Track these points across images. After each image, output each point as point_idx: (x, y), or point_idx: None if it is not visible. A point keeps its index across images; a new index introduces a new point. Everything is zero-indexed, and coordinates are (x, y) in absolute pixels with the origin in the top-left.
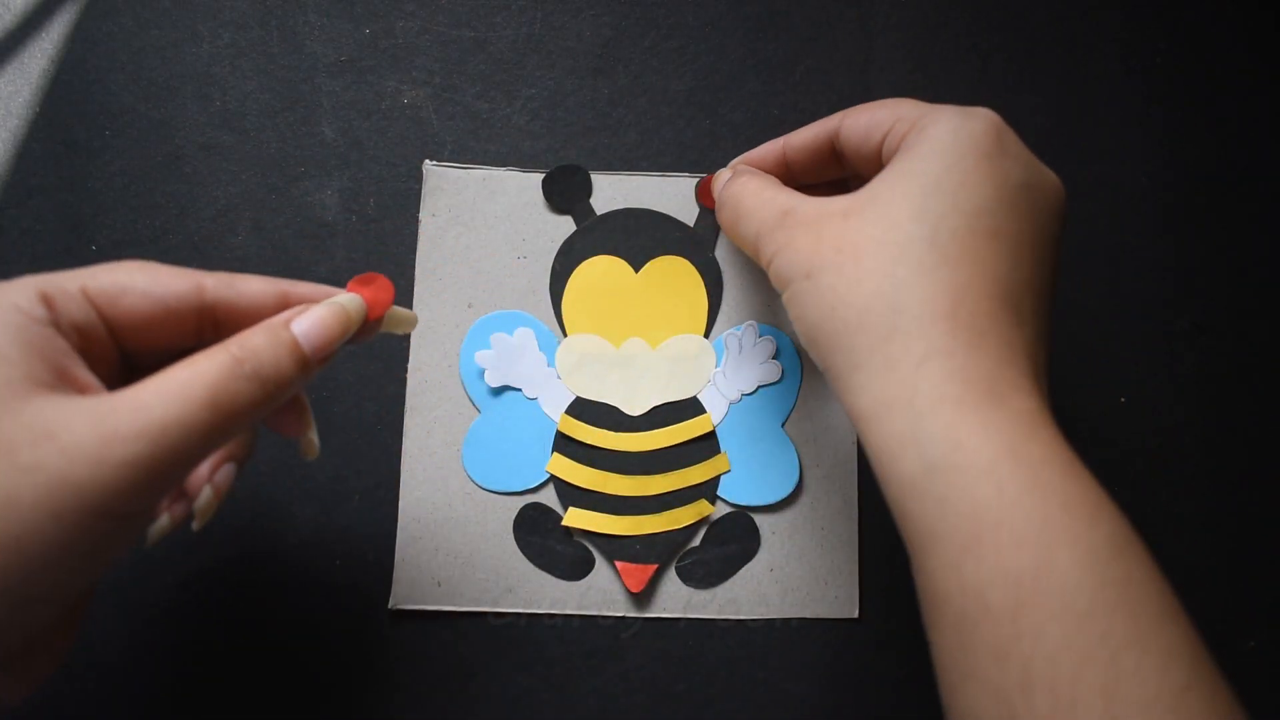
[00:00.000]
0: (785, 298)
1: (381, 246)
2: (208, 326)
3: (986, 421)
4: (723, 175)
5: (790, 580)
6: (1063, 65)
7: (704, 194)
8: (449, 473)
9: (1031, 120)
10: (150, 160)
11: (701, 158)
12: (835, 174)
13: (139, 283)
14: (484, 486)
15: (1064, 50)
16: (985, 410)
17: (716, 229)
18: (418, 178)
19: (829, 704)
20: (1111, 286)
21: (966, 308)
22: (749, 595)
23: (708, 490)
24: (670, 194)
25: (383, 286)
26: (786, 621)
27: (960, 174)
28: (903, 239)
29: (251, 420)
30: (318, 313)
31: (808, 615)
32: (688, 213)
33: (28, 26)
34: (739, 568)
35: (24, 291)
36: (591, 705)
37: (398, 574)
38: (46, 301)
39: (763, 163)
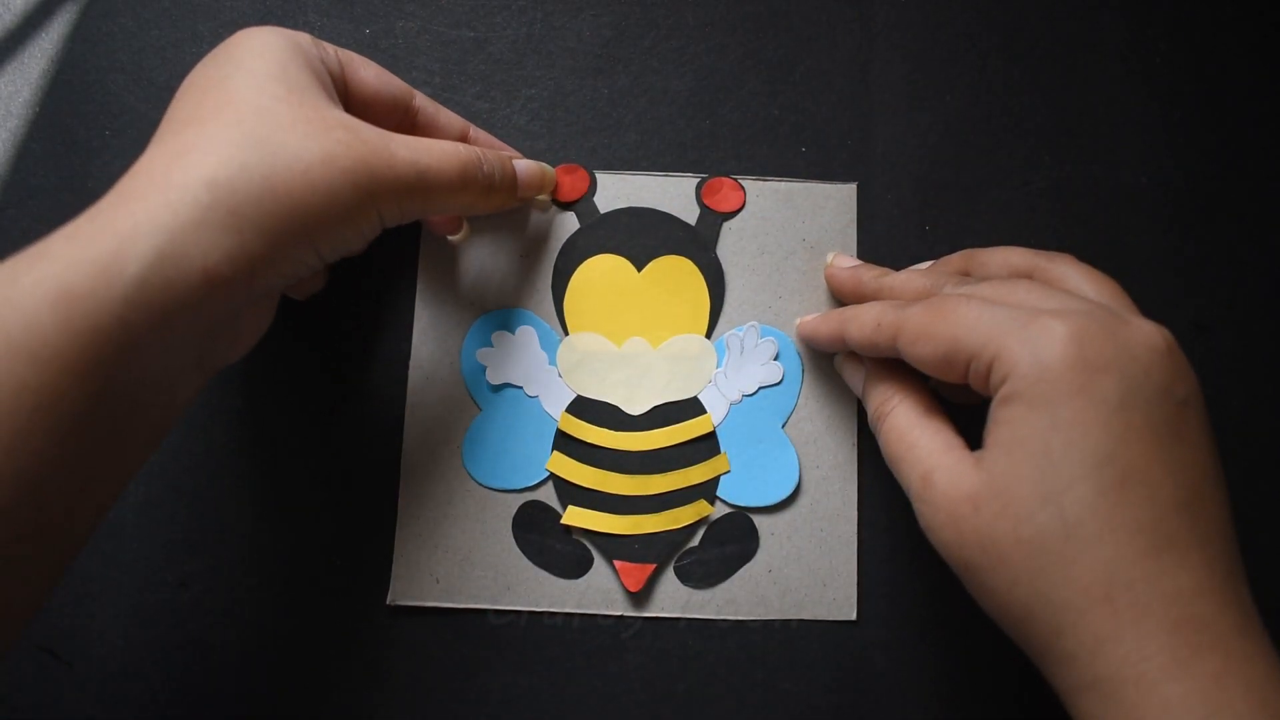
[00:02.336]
0: None
1: (382, 245)
2: (406, 131)
3: None
4: (838, 356)
5: (789, 582)
6: (1063, 65)
7: (706, 194)
8: (449, 470)
9: (1032, 120)
10: None
11: (701, 158)
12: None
13: (371, 67)
14: (484, 484)
15: (1064, 50)
16: None
17: (718, 229)
18: None
19: (827, 705)
20: None
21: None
22: (747, 596)
23: (707, 490)
24: (673, 194)
25: (580, 178)
26: (785, 623)
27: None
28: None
29: (463, 207)
30: (531, 163)
31: (806, 617)
32: (690, 212)
33: (28, 26)
34: (738, 568)
35: (302, 36)
36: (591, 705)
37: (397, 570)
38: (318, 44)
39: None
